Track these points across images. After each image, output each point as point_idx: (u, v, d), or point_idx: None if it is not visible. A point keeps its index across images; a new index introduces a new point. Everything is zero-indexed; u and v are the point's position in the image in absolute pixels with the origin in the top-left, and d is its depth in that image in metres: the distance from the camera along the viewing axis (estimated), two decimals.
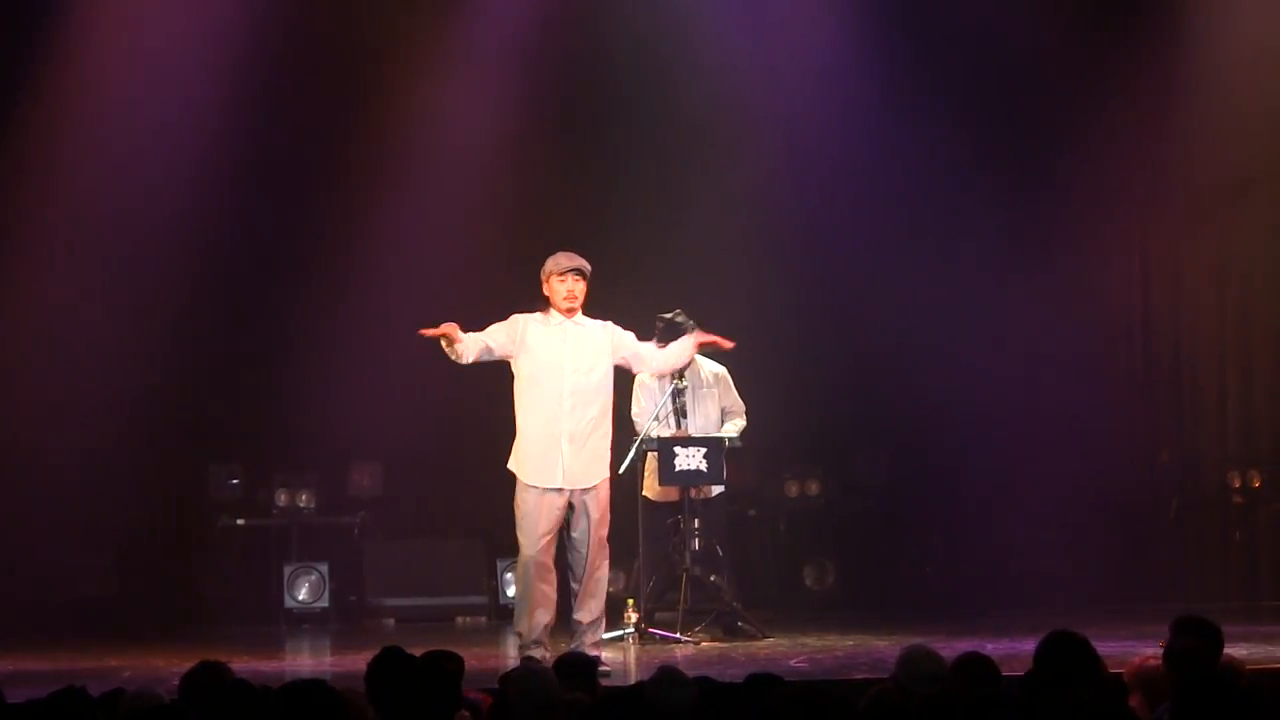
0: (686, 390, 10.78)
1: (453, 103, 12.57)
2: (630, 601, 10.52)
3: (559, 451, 8.93)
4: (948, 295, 12.92)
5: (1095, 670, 5.21)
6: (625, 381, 9.62)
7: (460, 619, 12.53)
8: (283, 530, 12.68)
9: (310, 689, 4.89)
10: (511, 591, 11.37)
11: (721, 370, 11.01)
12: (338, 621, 12.39)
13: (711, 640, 10.46)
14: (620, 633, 10.32)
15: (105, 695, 5.35)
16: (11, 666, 9.44)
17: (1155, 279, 13.77)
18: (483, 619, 12.50)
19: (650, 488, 10.73)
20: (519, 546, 8.96)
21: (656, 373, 9.98)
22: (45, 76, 12.01)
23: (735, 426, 10.91)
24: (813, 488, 13.15)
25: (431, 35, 12.63)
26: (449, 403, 11.91)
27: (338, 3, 12.70)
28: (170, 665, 8.92)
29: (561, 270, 9.08)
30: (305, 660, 10.73)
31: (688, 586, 10.52)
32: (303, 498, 12.67)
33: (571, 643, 8.91)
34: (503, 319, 9.11)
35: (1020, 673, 5.33)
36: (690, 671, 5.49)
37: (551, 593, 8.95)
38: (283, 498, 12.66)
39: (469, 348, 8.95)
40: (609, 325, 9.24)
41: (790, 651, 9.95)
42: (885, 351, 12.85)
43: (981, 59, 12.72)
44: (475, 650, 9.57)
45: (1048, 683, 5.11)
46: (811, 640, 10.44)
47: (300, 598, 12.43)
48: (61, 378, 12.19)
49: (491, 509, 9.24)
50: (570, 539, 9.03)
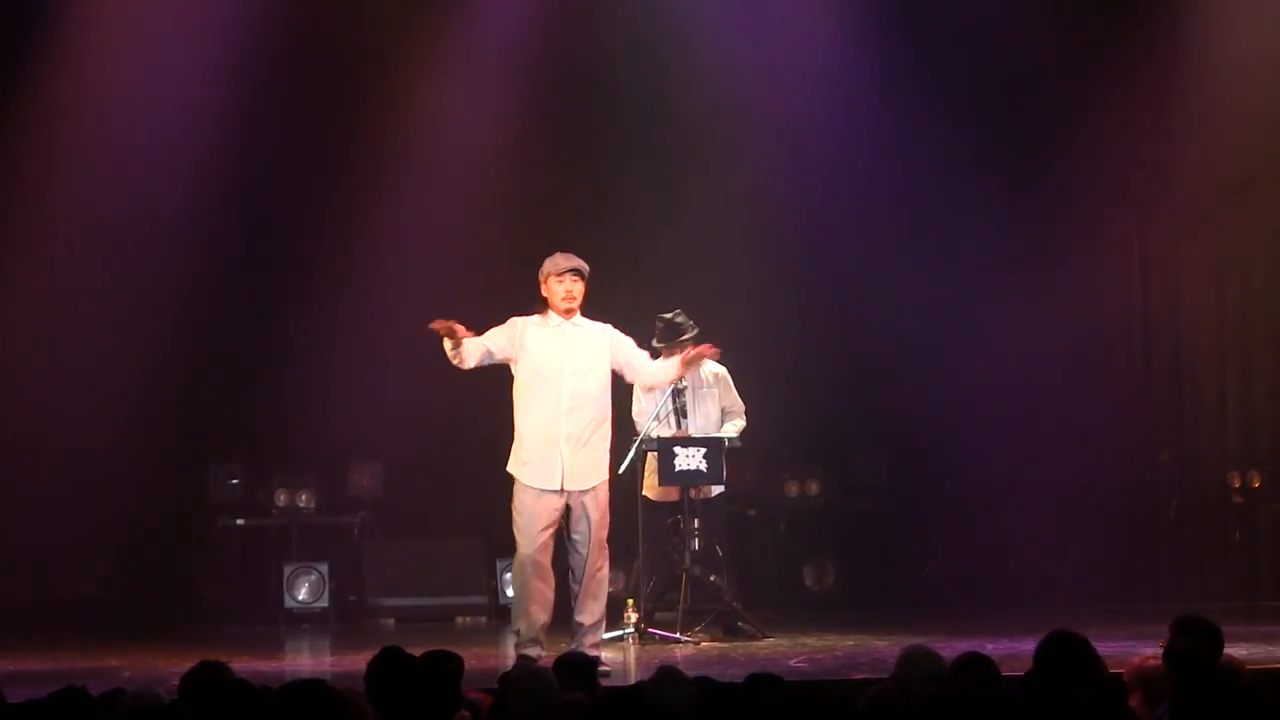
0: (686, 390, 10.78)
1: (453, 103, 12.57)
2: (630, 601, 10.51)
3: (558, 453, 8.91)
4: (948, 295, 12.92)
5: (1095, 670, 5.20)
6: (625, 382, 9.61)
7: (460, 619, 12.53)
8: (283, 530, 12.69)
9: (310, 689, 4.89)
10: (511, 591, 11.35)
11: (721, 370, 11.00)
12: (338, 621, 12.39)
13: (711, 640, 10.45)
14: (620, 633, 10.31)
15: (105, 695, 5.35)
16: (11, 666, 9.43)
17: (1155, 279, 13.78)
18: (483, 619, 12.49)
19: (650, 487, 10.73)
20: (516, 546, 8.97)
21: (644, 385, 9.89)
22: (45, 76, 12.01)
23: (735, 426, 10.91)
24: (813, 488, 13.16)
25: (431, 35, 12.63)
26: (449, 403, 11.91)
27: (337, 2, 12.70)
28: (170, 665, 8.92)
29: (560, 271, 9.07)
30: (305, 660, 10.72)
31: (688, 586, 10.51)
32: (303, 498, 12.68)
33: (572, 643, 8.90)
34: (503, 319, 9.10)
35: (1020, 673, 5.33)
36: (690, 671, 5.49)
37: (549, 592, 8.93)
38: (283, 498, 12.66)
39: (470, 352, 8.93)
40: (608, 328, 9.22)
41: (790, 651, 9.95)
42: (885, 352, 12.86)
43: (981, 59, 12.72)
44: (475, 650, 9.57)
45: (1048, 683, 5.11)
46: (811, 640, 10.44)
47: (300, 598, 12.43)
48: (61, 378, 12.19)
49: (491, 509, 9.23)
50: (571, 540, 9.02)
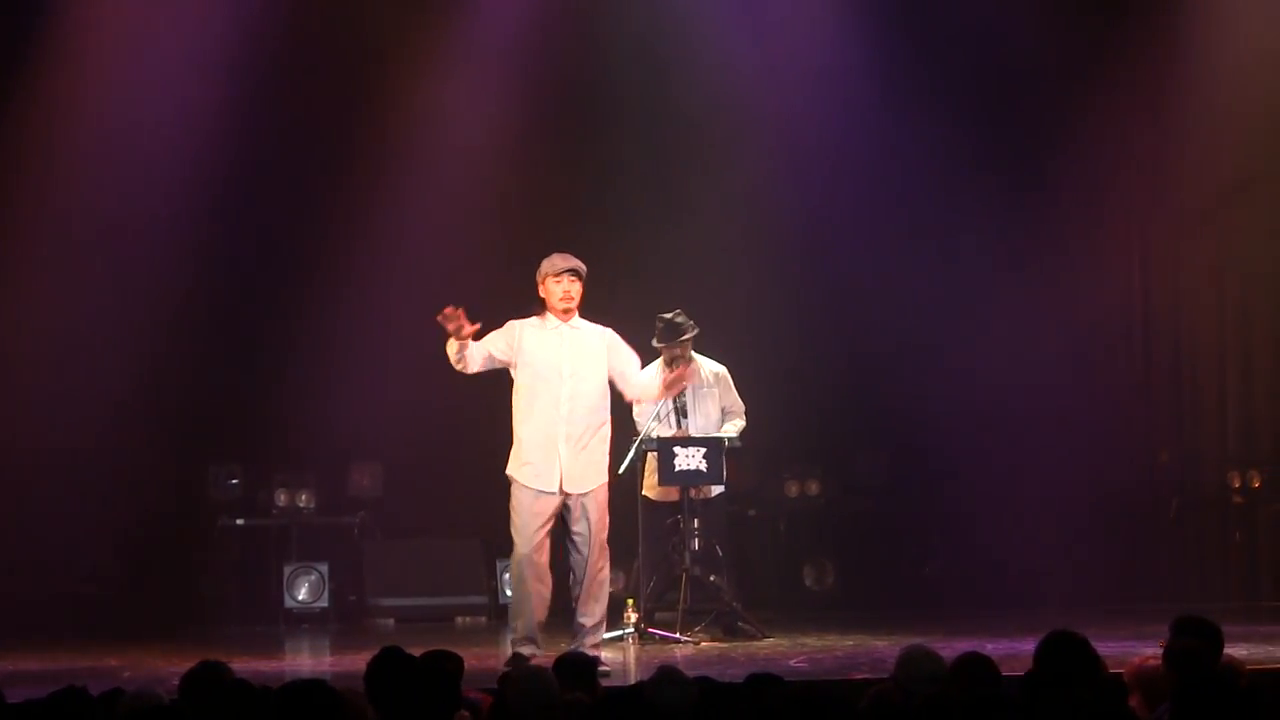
0: (687, 390, 10.77)
1: (453, 103, 12.57)
2: (630, 601, 10.50)
3: (556, 456, 8.90)
4: (948, 295, 12.92)
5: (1095, 670, 5.20)
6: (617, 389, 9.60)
7: (460, 619, 12.52)
8: (282, 530, 12.68)
9: (310, 689, 4.89)
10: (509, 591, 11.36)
11: (722, 370, 11.00)
12: (337, 621, 12.38)
13: (711, 640, 10.45)
14: (620, 633, 10.30)
15: (105, 695, 5.35)
16: (11, 666, 9.43)
17: (1155, 279, 13.78)
18: (483, 619, 12.49)
19: (650, 487, 10.72)
20: (514, 545, 8.95)
21: (630, 398, 9.68)
22: (45, 75, 12.01)
23: (735, 426, 10.90)
24: (813, 488, 13.16)
25: (432, 35, 12.63)
26: (449, 403, 11.90)
27: (337, 2, 12.70)
28: (170, 665, 8.92)
29: (557, 271, 9.05)
30: (305, 660, 10.72)
31: (688, 586, 10.51)
32: (303, 498, 12.67)
33: (573, 643, 8.90)
34: (503, 319, 9.10)
35: (1020, 673, 5.32)
36: (690, 671, 5.49)
37: (545, 591, 8.92)
38: (283, 498, 12.66)
39: (474, 356, 8.92)
40: (608, 332, 9.20)
41: (790, 651, 9.94)
42: (885, 352, 12.86)
43: (981, 59, 12.72)
44: (475, 650, 9.57)
45: (1048, 683, 5.10)
46: (811, 640, 10.43)
47: (300, 598, 12.42)
48: (61, 377, 12.19)
49: (491, 509, 9.22)
50: (571, 542, 9.01)
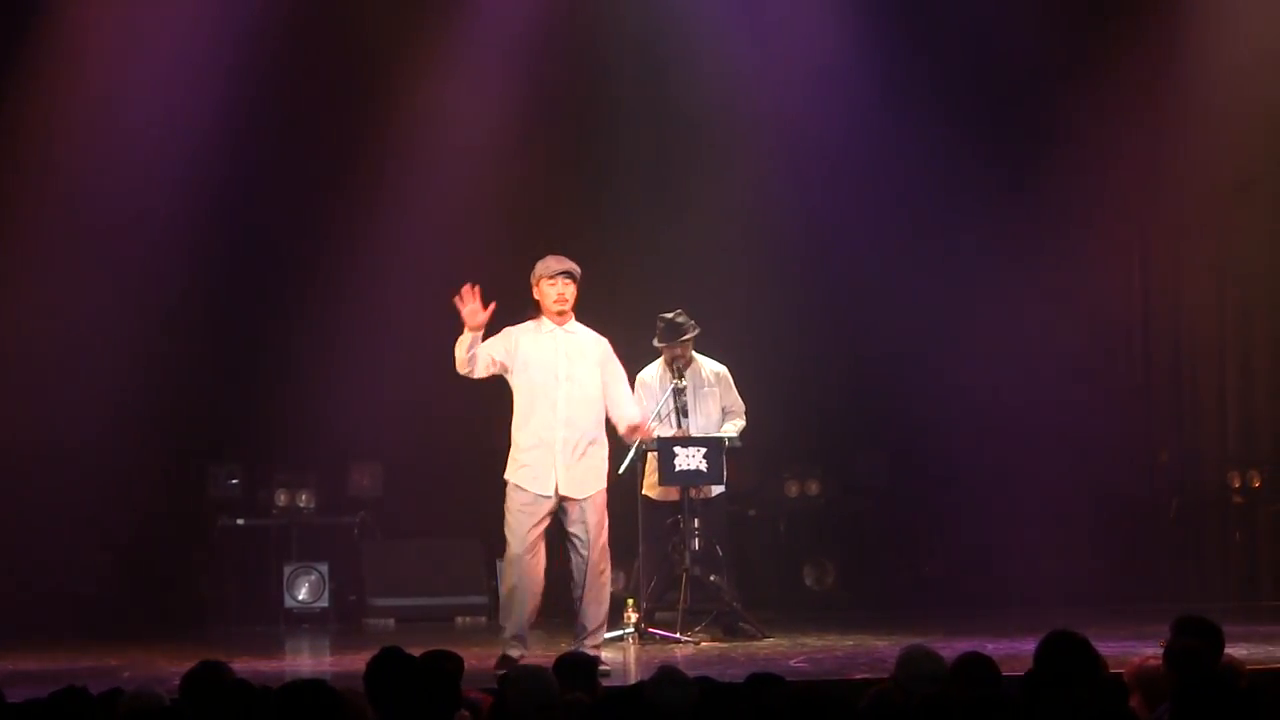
0: (687, 390, 10.77)
1: (453, 103, 12.56)
2: (630, 601, 10.51)
3: (553, 461, 8.89)
4: (948, 295, 12.92)
5: (1095, 670, 5.21)
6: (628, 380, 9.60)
7: (460, 619, 12.51)
8: (283, 530, 12.68)
9: (310, 689, 4.89)
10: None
11: (722, 369, 11.00)
12: (337, 621, 12.38)
13: (711, 640, 10.46)
14: (620, 633, 10.31)
15: (105, 695, 5.35)
16: (11, 666, 9.44)
17: (1155, 279, 13.78)
18: (483, 619, 12.46)
19: (650, 487, 10.72)
20: (507, 545, 8.95)
21: (613, 418, 9.30)
22: (44, 75, 12.00)
23: (735, 426, 10.90)
24: (813, 488, 13.15)
25: (432, 35, 12.62)
26: (449, 403, 11.86)
27: (338, 2, 12.69)
28: (170, 665, 8.92)
29: (551, 274, 9.04)
30: (305, 660, 10.73)
31: (688, 586, 10.51)
32: (303, 498, 12.67)
33: (574, 644, 8.89)
34: (503, 319, 9.09)
35: (1020, 673, 5.33)
36: (690, 671, 5.49)
37: (536, 592, 8.91)
38: (283, 498, 12.65)
39: (481, 359, 8.91)
40: (604, 343, 9.17)
41: (790, 651, 9.95)
42: (885, 352, 12.85)
43: (981, 59, 12.72)
44: (475, 650, 9.56)
45: (1048, 683, 5.11)
46: (811, 640, 10.44)
47: (300, 598, 12.42)
48: (61, 377, 12.17)
49: (491, 510, 9.20)
50: (571, 545, 8.99)
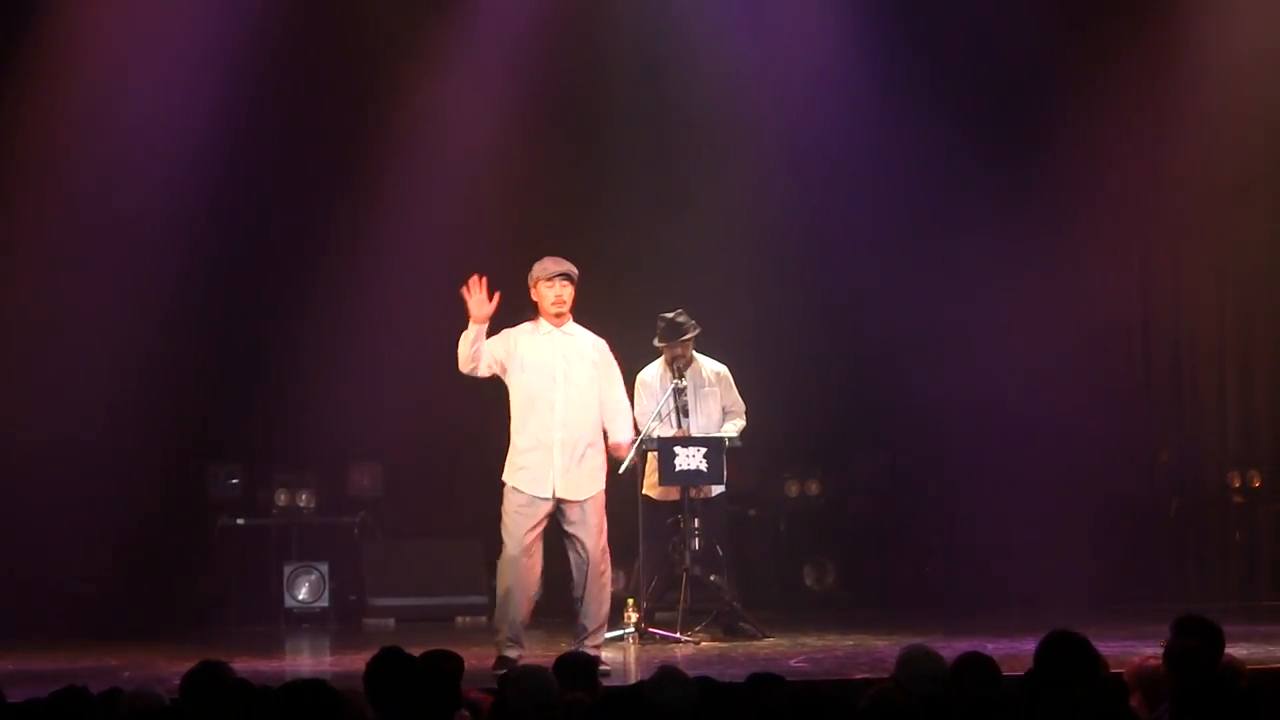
0: (687, 389, 10.77)
1: (453, 103, 12.56)
2: (630, 601, 10.51)
3: (551, 462, 8.89)
4: (948, 295, 12.92)
5: (1095, 670, 5.21)
6: (627, 381, 9.60)
7: (460, 619, 12.51)
8: (283, 530, 12.68)
9: (310, 689, 4.89)
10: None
11: (723, 369, 10.99)
12: (338, 621, 12.39)
13: (711, 640, 10.46)
14: (620, 633, 10.31)
15: (105, 695, 5.35)
16: (11, 666, 9.44)
17: (1155, 279, 13.78)
18: (483, 619, 12.45)
19: (651, 487, 10.72)
20: (503, 546, 8.95)
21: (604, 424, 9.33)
22: (44, 74, 12.00)
23: (735, 426, 10.89)
24: (813, 488, 13.15)
25: (432, 35, 12.62)
26: (449, 403, 11.88)
27: (338, 2, 12.69)
28: (170, 665, 8.91)
29: (549, 275, 9.04)
30: (305, 660, 10.73)
31: (688, 586, 10.51)
32: (303, 498, 12.67)
33: (575, 644, 8.89)
34: (503, 319, 9.09)
35: (1020, 673, 5.33)
36: (690, 671, 5.49)
37: (532, 593, 8.92)
38: (283, 498, 12.65)
39: (484, 355, 8.92)
40: (601, 344, 9.18)
41: (790, 651, 9.95)
42: (885, 352, 12.85)
43: (981, 60, 12.72)
44: (475, 650, 9.55)
45: (1048, 683, 5.11)
46: (811, 640, 10.44)
47: (300, 597, 12.43)
48: (60, 377, 12.18)
49: (491, 510, 9.20)
50: (571, 546, 8.99)
